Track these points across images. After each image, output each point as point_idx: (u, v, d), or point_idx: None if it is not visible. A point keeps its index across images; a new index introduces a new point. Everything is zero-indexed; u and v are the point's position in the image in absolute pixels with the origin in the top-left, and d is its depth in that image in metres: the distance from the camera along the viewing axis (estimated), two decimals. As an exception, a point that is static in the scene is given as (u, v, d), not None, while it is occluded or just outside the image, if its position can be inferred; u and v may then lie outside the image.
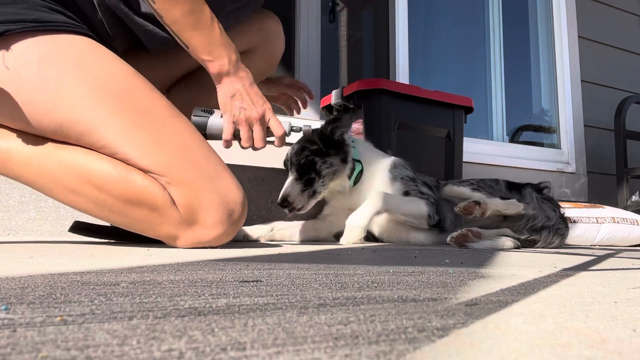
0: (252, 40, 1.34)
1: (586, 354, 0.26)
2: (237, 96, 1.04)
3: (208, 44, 1.00)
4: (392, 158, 1.63)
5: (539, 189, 1.61)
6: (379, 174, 1.58)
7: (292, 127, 1.15)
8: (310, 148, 1.50)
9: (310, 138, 1.52)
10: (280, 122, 1.09)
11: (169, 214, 0.94)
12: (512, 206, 1.43)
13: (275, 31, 1.38)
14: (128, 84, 0.96)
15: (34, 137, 0.96)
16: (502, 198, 1.47)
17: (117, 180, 0.92)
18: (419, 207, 1.51)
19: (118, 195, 0.92)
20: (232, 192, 0.99)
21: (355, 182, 1.54)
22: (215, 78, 1.04)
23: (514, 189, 1.59)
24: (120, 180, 0.92)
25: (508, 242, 1.38)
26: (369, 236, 1.55)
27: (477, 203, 1.38)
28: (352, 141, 1.59)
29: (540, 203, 1.53)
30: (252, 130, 1.07)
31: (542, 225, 1.46)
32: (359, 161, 1.55)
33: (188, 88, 1.35)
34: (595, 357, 0.25)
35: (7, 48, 0.90)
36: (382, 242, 1.57)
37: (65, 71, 0.92)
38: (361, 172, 1.54)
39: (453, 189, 1.56)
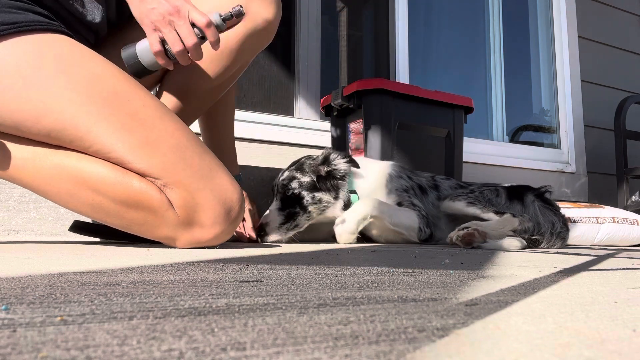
0: None
1: (586, 354, 0.26)
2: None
3: None
4: (387, 170, 1.60)
5: (539, 194, 1.59)
6: (377, 190, 1.54)
7: (221, 15, 1.00)
8: (300, 180, 1.44)
9: (303, 168, 1.46)
10: (202, 12, 0.97)
11: (166, 215, 0.94)
12: (507, 224, 1.42)
13: None
14: (114, 85, 0.93)
15: (29, 140, 0.94)
16: (497, 212, 1.46)
17: (113, 183, 0.91)
18: (411, 218, 1.48)
19: (114, 197, 0.91)
20: (229, 190, 0.98)
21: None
22: None
23: (515, 197, 1.55)
24: (117, 183, 0.91)
25: (516, 242, 1.37)
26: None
27: (475, 230, 1.37)
28: (349, 165, 1.50)
29: (542, 211, 1.52)
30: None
31: (545, 231, 1.46)
32: (354, 191, 1.50)
33: (179, 69, 1.24)
34: (595, 357, 0.25)
35: None
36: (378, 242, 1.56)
37: (47, 75, 0.88)
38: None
39: (450, 205, 1.55)
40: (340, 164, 1.47)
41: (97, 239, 1.29)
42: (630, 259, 1.10)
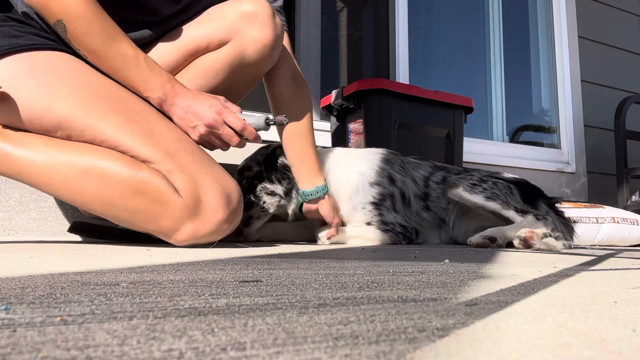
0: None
1: (586, 354, 0.26)
2: (184, 116, 1.03)
3: (142, 80, 1.00)
4: (355, 181, 1.46)
5: (550, 203, 1.55)
6: (341, 203, 1.44)
7: (267, 120, 1.08)
8: (253, 169, 1.43)
9: (257, 158, 1.44)
10: (237, 117, 1.04)
11: (171, 201, 0.95)
12: (533, 227, 1.39)
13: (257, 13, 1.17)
14: (119, 91, 1.00)
15: (34, 134, 0.97)
16: (517, 210, 1.42)
17: (120, 169, 0.94)
18: (379, 239, 1.44)
19: (122, 182, 0.94)
20: (227, 179, 1.04)
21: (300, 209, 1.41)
22: (161, 109, 1.04)
23: (528, 202, 1.48)
24: (124, 168, 0.94)
25: (560, 244, 1.34)
26: None
27: (493, 240, 1.34)
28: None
29: (558, 223, 1.48)
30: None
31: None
32: None
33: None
34: (595, 357, 0.25)
35: None
36: None
37: (58, 78, 0.97)
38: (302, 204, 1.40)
39: (464, 196, 1.46)
40: (283, 159, 1.39)
41: (97, 239, 1.29)
42: (630, 259, 1.10)
